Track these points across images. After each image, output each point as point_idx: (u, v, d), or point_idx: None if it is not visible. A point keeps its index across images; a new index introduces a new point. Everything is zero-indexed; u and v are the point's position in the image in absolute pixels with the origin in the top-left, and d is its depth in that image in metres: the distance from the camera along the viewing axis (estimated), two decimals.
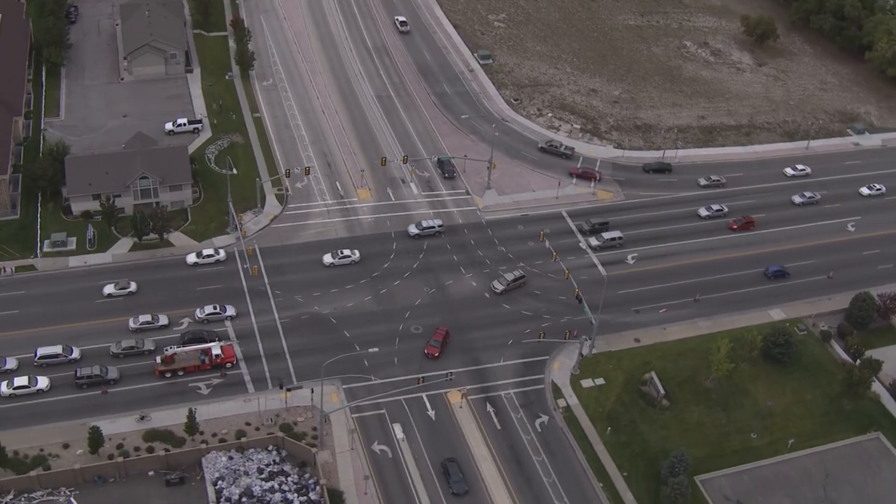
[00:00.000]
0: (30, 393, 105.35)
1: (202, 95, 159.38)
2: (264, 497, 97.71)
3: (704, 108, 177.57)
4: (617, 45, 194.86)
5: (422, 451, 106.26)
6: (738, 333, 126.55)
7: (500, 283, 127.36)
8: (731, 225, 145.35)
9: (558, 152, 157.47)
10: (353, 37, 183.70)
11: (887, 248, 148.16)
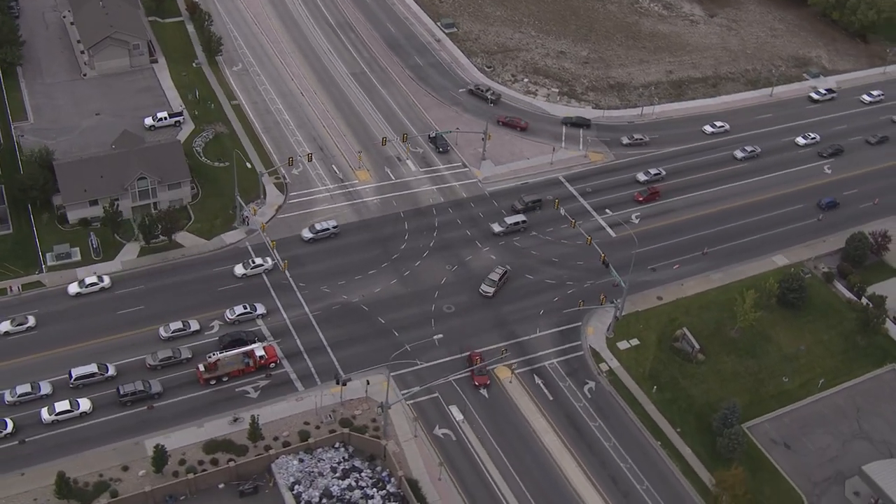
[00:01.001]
0: (73, 417, 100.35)
1: (175, 86, 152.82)
2: (343, 496, 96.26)
3: (670, 63, 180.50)
4: (573, 4, 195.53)
5: (483, 430, 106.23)
6: (750, 282, 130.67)
7: (488, 286, 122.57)
8: (637, 197, 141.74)
9: (483, 96, 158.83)
10: (314, 14, 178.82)
11: (864, 187, 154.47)
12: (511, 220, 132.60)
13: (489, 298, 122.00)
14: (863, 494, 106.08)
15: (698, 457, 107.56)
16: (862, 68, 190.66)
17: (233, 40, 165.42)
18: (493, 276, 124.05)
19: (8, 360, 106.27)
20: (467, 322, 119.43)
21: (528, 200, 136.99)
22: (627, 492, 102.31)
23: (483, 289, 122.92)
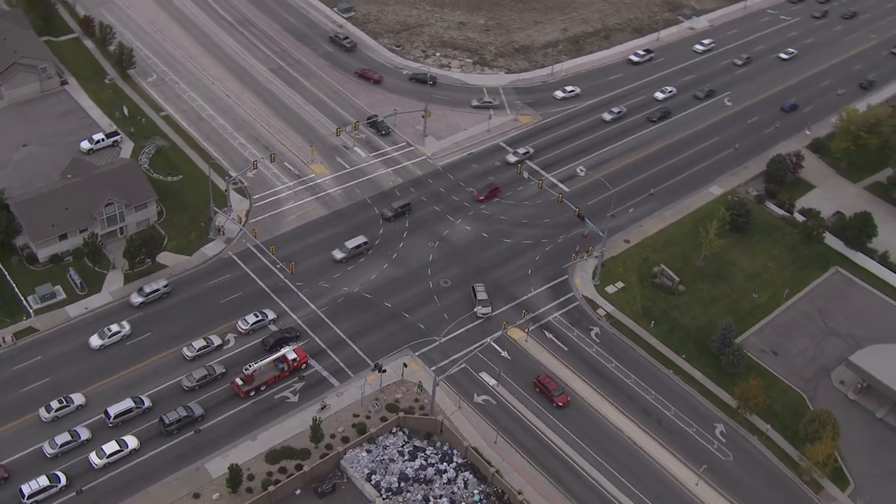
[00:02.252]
0: (124, 456, 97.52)
1: (97, 106, 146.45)
2: (418, 476, 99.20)
3: (562, 21, 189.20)
4: None
5: (518, 390, 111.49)
6: (699, 214, 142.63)
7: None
8: (477, 197, 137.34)
9: (342, 45, 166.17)
10: (210, 15, 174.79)
11: (762, 114, 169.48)
12: (352, 244, 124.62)
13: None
14: (847, 382, 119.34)
15: (707, 376, 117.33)
16: (726, 5, 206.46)
17: (138, 51, 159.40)
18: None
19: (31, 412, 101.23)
20: (467, 292, 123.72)
21: (397, 206, 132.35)
22: (660, 419, 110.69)
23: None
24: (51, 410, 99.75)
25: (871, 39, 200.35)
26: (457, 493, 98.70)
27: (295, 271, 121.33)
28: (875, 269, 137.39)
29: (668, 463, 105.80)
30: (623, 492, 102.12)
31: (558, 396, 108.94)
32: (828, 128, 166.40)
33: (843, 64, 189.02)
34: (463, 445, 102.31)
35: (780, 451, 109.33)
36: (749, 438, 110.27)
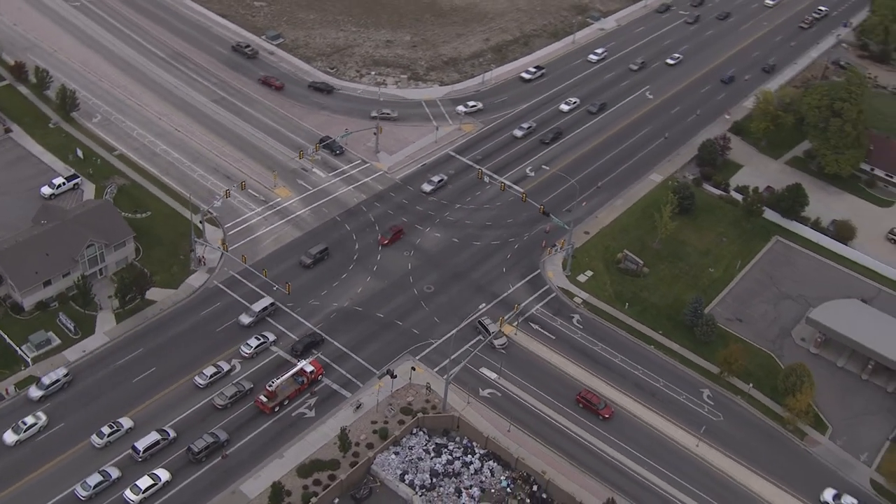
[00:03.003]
0: (159, 489, 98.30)
1: (47, 151, 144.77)
2: (447, 470, 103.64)
3: (482, 32, 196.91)
4: None
5: (518, 380, 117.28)
6: (646, 200, 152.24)
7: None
8: (381, 241, 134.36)
9: (244, 52, 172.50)
10: (140, 51, 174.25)
11: (682, 103, 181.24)
12: (258, 307, 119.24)
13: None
14: (807, 338, 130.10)
15: (685, 348, 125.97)
16: (628, 5, 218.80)
17: (77, 93, 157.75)
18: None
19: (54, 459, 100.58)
20: (451, 295, 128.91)
21: (315, 253, 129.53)
22: (653, 391, 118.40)
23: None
24: (103, 436, 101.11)
25: (763, 27, 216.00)
26: (485, 481, 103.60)
27: (284, 294, 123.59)
28: (810, 235, 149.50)
29: (668, 430, 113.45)
30: (634, 460, 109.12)
31: (602, 410, 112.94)
32: (744, 111, 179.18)
33: (743, 51, 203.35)
34: (483, 437, 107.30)
35: (763, 406, 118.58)
36: (734, 399, 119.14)
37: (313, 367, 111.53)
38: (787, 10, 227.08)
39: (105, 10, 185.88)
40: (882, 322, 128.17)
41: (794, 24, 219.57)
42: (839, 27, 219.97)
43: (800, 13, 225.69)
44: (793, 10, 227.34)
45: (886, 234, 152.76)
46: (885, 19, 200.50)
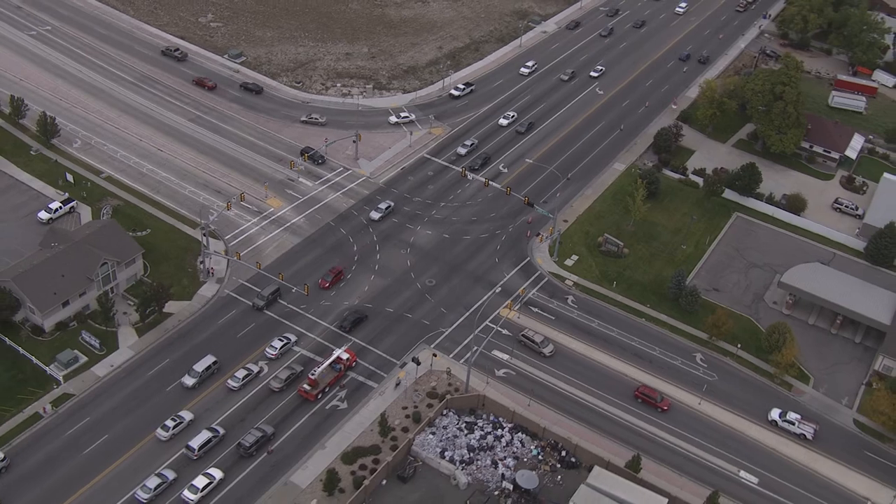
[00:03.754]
0: (214, 487, 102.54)
1: (35, 178, 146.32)
2: (482, 444, 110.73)
3: (435, 41, 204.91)
4: (325, 11, 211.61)
5: (527, 358, 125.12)
6: (614, 188, 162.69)
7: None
8: (322, 284, 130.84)
9: (174, 56, 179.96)
10: (108, 76, 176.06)
11: (631, 97, 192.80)
12: (200, 367, 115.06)
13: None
14: (779, 301, 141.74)
15: (673, 318, 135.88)
16: (565, 8, 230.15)
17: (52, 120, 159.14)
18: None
19: (109, 466, 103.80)
20: (452, 286, 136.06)
21: (267, 294, 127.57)
22: (651, 359, 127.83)
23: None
24: (168, 430, 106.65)
25: (692, 22, 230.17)
26: (517, 451, 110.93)
27: (296, 297, 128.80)
28: (766, 209, 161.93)
29: (671, 391, 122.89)
30: (645, 421, 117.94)
31: (661, 402, 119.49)
32: (687, 101, 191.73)
33: (677, 46, 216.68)
34: (509, 411, 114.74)
35: (751, 364, 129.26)
36: (724, 360, 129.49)
37: (348, 354, 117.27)
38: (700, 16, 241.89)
39: (64, 38, 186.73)
40: (844, 281, 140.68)
41: (717, 20, 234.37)
42: (760, 19, 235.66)
43: (714, 15, 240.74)
44: (704, 15, 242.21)
45: (832, 204, 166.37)
46: (803, 9, 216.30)
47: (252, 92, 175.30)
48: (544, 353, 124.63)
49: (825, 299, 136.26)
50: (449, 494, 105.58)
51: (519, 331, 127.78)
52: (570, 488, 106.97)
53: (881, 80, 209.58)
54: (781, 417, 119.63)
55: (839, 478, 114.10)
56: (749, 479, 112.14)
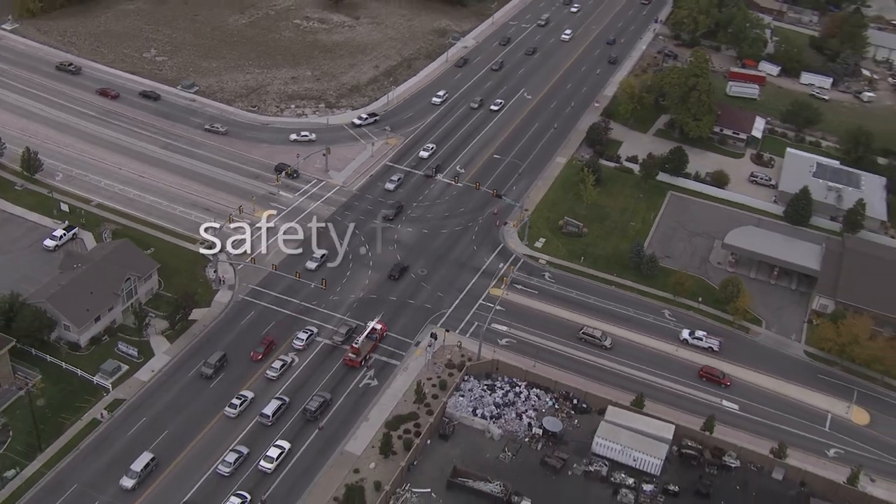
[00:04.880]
0: (285, 456, 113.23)
1: (28, 209, 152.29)
2: (506, 401, 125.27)
3: (370, 61, 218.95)
4: (262, 40, 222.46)
5: (525, 327, 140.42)
6: (562, 178, 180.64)
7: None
8: (255, 357, 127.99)
9: (68, 70, 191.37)
10: (72, 113, 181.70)
11: (557, 100, 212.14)
12: (138, 466, 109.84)
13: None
14: (722, 261, 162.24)
15: (637, 282, 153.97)
16: (479, 24, 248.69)
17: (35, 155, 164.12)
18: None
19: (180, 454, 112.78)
20: (442, 273, 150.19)
21: (214, 362, 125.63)
22: (627, 318, 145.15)
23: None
24: (235, 407, 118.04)
25: (592, 31, 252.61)
26: (535, 404, 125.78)
27: (306, 294, 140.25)
28: (695, 186, 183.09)
29: (650, 343, 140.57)
30: (632, 368, 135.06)
31: (724, 378, 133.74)
32: (606, 99, 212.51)
33: (588, 49, 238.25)
34: (521, 371, 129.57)
35: (711, 315, 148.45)
36: (688, 313, 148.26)
37: (380, 325, 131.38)
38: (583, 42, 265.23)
39: (18, 80, 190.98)
40: (775, 238, 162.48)
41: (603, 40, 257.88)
42: (652, 23, 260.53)
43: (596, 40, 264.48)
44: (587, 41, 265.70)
45: (748, 178, 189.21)
46: (693, 11, 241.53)
47: (151, 98, 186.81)
48: (605, 346, 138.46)
49: (763, 255, 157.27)
50: (486, 446, 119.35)
51: (579, 328, 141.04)
52: (587, 429, 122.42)
53: (766, 69, 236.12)
54: (691, 336, 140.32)
55: (803, 398, 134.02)
56: (731, 407, 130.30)
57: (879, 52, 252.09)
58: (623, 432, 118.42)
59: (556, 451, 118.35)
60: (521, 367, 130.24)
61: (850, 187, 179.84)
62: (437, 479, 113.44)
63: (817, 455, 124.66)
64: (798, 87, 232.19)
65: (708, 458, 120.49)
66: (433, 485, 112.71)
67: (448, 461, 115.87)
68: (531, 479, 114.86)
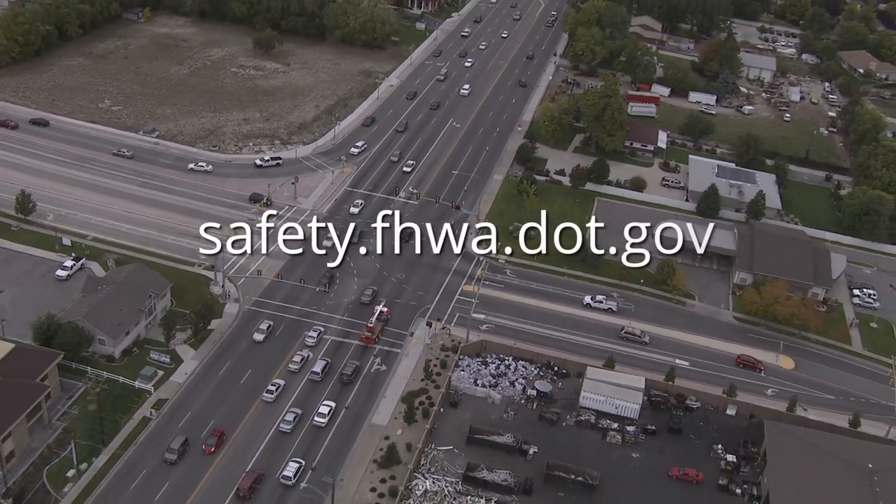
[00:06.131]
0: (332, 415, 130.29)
1: (30, 246, 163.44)
2: (499, 372, 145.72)
3: (310, 101, 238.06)
4: (204, 88, 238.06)
5: (502, 315, 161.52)
6: (503, 192, 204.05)
7: None
8: (207, 450, 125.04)
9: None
10: (44, 159, 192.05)
11: (495, 123, 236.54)
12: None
13: None
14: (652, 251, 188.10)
15: (585, 272, 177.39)
16: (399, 65, 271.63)
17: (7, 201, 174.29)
18: None
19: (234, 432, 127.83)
20: (419, 276, 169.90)
21: (177, 447, 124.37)
22: (585, 303, 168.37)
23: None
24: (272, 393, 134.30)
25: (501, 66, 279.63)
26: (523, 373, 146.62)
27: (309, 299, 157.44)
28: (617, 192, 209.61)
29: (605, 319, 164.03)
30: (595, 340, 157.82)
31: (758, 363, 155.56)
32: (525, 123, 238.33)
33: (504, 77, 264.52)
34: (507, 348, 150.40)
35: (652, 293, 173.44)
36: (633, 294, 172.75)
37: (386, 309, 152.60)
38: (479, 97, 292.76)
39: None
40: (694, 228, 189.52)
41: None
42: (552, 57, 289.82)
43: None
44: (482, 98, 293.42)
45: (661, 182, 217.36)
46: (590, 44, 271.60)
47: (40, 125, 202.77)
48: (645, 342, 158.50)
49: (689, 241, 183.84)
50: (489, 409, 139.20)
51: (621, 328, 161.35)
52: (569, 389, 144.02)
53: (658, 91, 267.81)
54: (593, 300, 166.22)
55: (739, 353, 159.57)
56: (683, 364, 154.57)
57: (751, 72, 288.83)
58: (604, 386, 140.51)
59: (550, 408, 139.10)
60: (506, 345, 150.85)
61: (748, 183, 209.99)
62: (456, 438, 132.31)
63: (758, 394, 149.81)
64: (687, 105, 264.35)
65: (673, 402, 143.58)
66: (454, 442, 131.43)
67: (461, 423, 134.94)
68: (533, 431, 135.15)
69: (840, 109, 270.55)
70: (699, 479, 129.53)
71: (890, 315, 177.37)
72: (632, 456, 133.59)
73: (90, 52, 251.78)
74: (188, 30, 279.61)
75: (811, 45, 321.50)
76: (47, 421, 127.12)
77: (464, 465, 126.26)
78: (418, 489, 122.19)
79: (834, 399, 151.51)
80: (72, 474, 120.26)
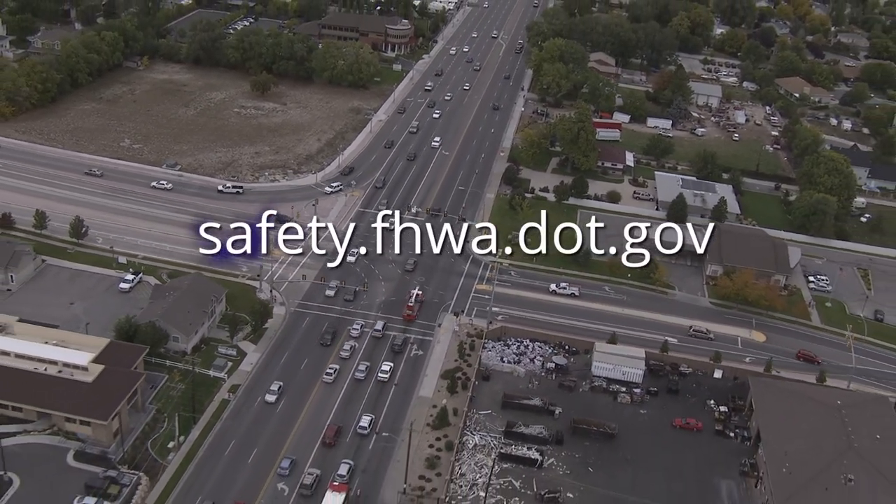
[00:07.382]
0: (391, 376, 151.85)
1: (89, 265, 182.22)
2: (520, 352, 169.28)
3: (313, 135, 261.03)
4: (213, 127, 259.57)
5: (509, 307, 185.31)
6: (497, 207, 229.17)
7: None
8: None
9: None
10: (83, 192, 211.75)
11: (470, 152, 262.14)
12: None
13: None
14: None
15: (580, 270, 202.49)
16: (384, 102, 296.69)
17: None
18: None
19: (307, 401, 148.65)
20: (437, 279, 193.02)
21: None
22: (585, 295, 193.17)
23: None
24: (331, 375, 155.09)
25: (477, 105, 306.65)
26: (540, 352, 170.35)
27: (339, 302, 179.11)
28: (596, 205, 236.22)
29: (603, 307, 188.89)
30: (601, 325, 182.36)
31: (817, 358, 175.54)
32: (506, 149, 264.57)
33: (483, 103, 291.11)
34: (523, 332, 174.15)
35: (640, 285, 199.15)
36: (622, 287, 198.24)
37: (420, 292, 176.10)
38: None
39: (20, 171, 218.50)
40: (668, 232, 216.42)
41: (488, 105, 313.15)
42: (520, 91, 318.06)
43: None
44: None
45: (633, 195, 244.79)
46: (556, 77, 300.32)
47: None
48: (710, 338, 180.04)
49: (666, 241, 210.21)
50: (516, 381, 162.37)
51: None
52: (580, 363, 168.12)
53: (620, 118, 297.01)
54: (558, 286, 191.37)
55: (719, 330, 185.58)
56: (673, 341, 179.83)
57: (700, 99, 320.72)
58: (612, 357, 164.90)
59: (567, 377, 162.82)
60: (522, 329, 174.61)
61: (709, 193, 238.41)
62: (492, 404, 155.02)
63: (738, 362, 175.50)
64: (646, 130, 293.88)
65: (669, 369, 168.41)
66: (491, 407, 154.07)
67: (494, 393, 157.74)
68: (555, 396, 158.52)
69: (782, 129, 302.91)
70: (699, 427, 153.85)
71: (841, 296, 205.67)
72: (640, 412, 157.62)
73: (101, 97, 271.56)
74: (186, 75, 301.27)
75: (750, 74, 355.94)
76: (141, 405, 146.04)
77: (503, 424, 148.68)
78: (469, 443, 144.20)
79: (801, 363, 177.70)
80: (172, 445, 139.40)
